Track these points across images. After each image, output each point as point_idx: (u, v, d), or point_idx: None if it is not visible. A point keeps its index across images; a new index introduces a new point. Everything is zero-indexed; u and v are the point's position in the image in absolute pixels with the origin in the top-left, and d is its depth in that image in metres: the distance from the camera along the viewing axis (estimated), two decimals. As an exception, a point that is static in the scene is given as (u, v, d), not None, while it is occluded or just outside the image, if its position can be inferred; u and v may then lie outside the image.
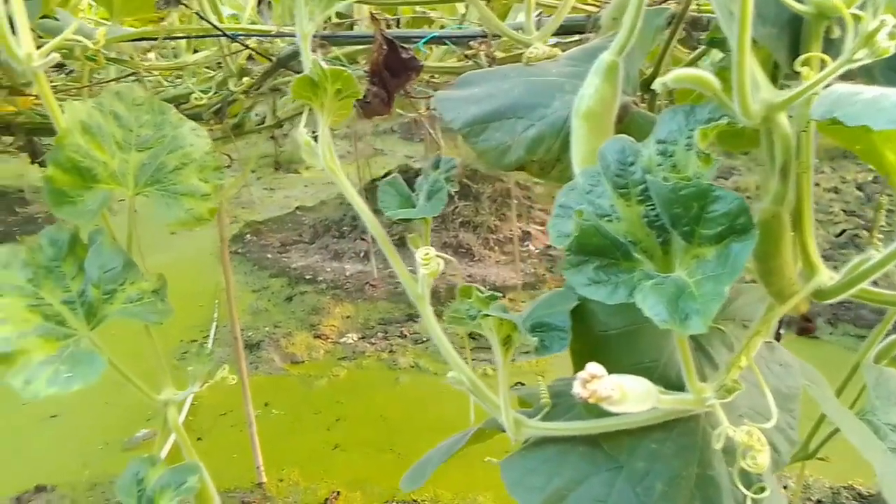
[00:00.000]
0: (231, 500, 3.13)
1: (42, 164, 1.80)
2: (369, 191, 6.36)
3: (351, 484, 3.26)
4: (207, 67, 1.50)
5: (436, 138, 7.90)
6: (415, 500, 3.09)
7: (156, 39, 1.23)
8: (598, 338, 0.53)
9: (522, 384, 4.10)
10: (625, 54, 0.52)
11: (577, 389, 0.41)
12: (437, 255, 0.61)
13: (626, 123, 0.56)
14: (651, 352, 0.52)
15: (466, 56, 1.08)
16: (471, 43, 1.05)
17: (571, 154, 0.53)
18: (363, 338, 4.97)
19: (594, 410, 0.54)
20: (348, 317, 5.31)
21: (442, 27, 1.43)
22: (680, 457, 0.50)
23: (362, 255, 6.44)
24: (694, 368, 0.48)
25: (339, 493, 3.19)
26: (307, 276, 6.09)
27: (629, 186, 0.45)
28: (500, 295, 0.63)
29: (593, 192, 0.46)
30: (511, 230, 6.54)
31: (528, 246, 6.37)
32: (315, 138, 0.57)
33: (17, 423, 4.11)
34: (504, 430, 0.63)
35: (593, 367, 0.41)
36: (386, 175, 7.92)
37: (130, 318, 0.68)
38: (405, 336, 4.89)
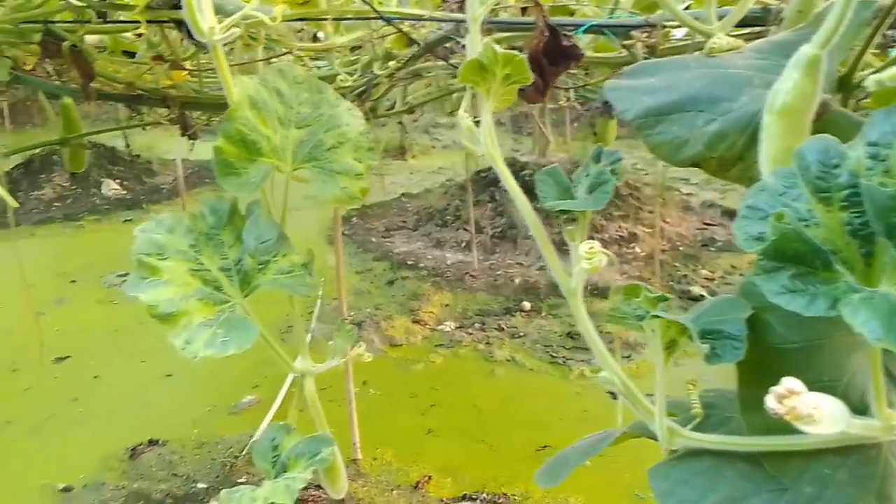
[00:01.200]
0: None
1: (192, 137, 1.91)
2: (475, 182, 6.37)
3: (442, 470, 3.28)
4: (353, 49, 1.54)
5: (545, 132, 7.82)
6: (505, 495, 3.08)
7: (324, 20, 1.27)
8: (773, 351, 0.49)
9: (620, 388, 4.00)
10: (828, 49, 0.48)
11: (772, 405, 0.38)
12: (602, 252, 0.58)
13: (824, 123, 0.52)
14: (832, 371, 0.48)
15: (625, 46, 1.04)
16: (632, 33, 1.01)
17: (760, 152, 0.50)
18: (460, 327, 4.99)
19: (759, 427, 0.51)
20: (447, 305, 5.35)
21: (584, 16, 1.39)
22: (857, 485, 0.46)
23: (464, 245, 6.46)
24: (884, 392, 0.44)
25: (430, 477, 3.22)
26: (409, 262, 6.19)
27: (832, 191, 0.41)
28: (667, 298, 0.60)
29: (787, 195, 0.42)
30: (617, 230, 6.38)
31: (633, 248, 6.19)
32: (476, 123, 0.57)
33: (136, 380, 4.41)
34: (654, 437, 0.61)
35: (791, 383, 0.37)
36: (491, 167, 7.91)
37: (281, 288, 0.70)
38: (502, 329, 4.88)
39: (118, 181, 9.08)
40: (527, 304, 5.21)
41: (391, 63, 1.44)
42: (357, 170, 0.68)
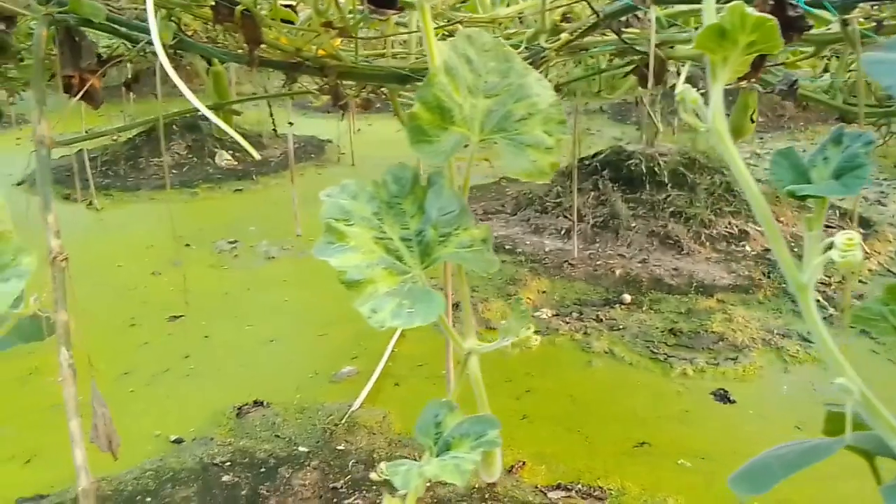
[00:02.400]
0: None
1: (343, 108, 1.95)
2: (578, 169, 6.24)
3: (536, 456, 3.26)
4: (519, 21, 1.51)
5: (654, 120, 7.56)
6: (601, 488, 3.02)
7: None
8: None
9: (724, 390, 3.85)
10: None
11: None
12: (860, 245, 0.53)
13: None
14: None
15: (844, 21, 0.97)
16: (861, 5, 0.94)
17: None
18: (557, 315, 4.93)
19: None
20: (544, 292, 5.29)
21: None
22: None
23: (563, 232, 6.36)
24: None
25: (524, 463, 3.21)
26: (506, 246, 6.15)
27: None
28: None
29: None
30: (727, 227, 6.11)
31: (743, 246, 5.91)
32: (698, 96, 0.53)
33: (243, 343, 4.61)
34: (892, 456, 0.55)
35: None
36: (595, 155, 7.74)
37: (461, 262, 0.68)
38: (601, 320, 4.78)
39: (231, 152, 9.47)
40: (627, 297, 5.08)
41: (562, 35, 1.40)
42: (547, 143, 0.66)
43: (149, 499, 2.81)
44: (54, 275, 1.05)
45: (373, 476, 0.75)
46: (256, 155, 0.83)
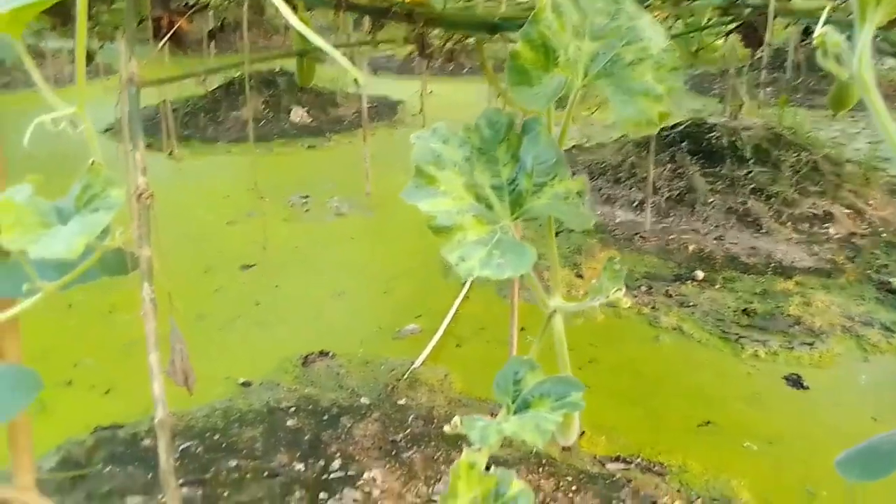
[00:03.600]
0: (482, 407, 3.27)
1: (428, 58, 1.92)
2: (655, 140, 6.03)
3: (596, 427, 3.22)
4: None
5: (740, 94, 7.22)
6: (661, 464, 2.97)
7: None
8: None
9: (798, 375, 3.70)
10: None
11: None
12: None
13: None
14: None
15: None
16: None
17: None
18: (626, 287, 4.82)
19: None
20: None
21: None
22: None
23: (636, 204, 6.20)
24: None
25: (583, 432, 3.18)
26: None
27: None
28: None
29: None
30: (811, 207, 5.83)
31: (827, 228, 5.62)
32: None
33: (311, 294, 4.70)
34: None
35: None
36: (674, 127, 7.46)
37: (554, 214, 0.65)
38: (671, 296, 4.65)
39: (305, 109, 9.57)
40: (700, 274, 4.92)
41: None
42: (657, 91, 0.61)
43: (217, 436, 2.92)
44: (139, 211, 1.07)
45: (446, 429, 0.73)
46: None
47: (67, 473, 2.63)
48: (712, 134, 6.64)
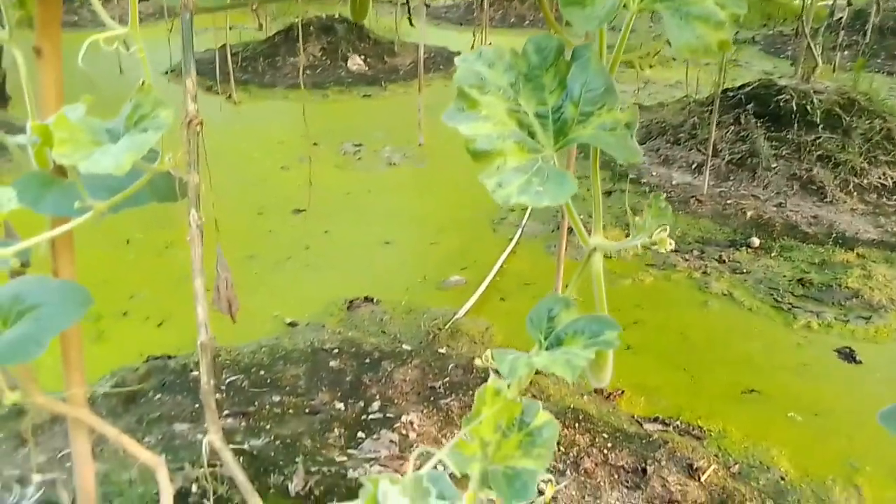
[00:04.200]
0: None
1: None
2: (720, 101, 5.80)
3: (636, 387, 3.20)
4: None
5: (815, 54, 6.87)
6: (701, 427, 2.94)
7: None
8: None
9: (850, 349, 3.58)
10: None
11: None
12: None
13: None
14: None
15: None
16: None
17: None
18: (677, 251, 4.72)
19: None
20: (666, 226, 5.06)
21: None
22: None
23: (694, 166, 6.02)
24: None
25: (623, 391, 3.16)
26: (631, 175, 5.91)
27: None
28: None
29: None
30: (880, 177, 5.56)
31: (896, 199, 5.37)
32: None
33: (360, 241, 4.75)
34: None
35: None
36: (741, 87, 7.16)
37: (600, 145, 0.63)
38: (723, 261, 4.54)
39: (362, 57, 9.53)
40: (756, 241, 4.78)
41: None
42: (718, 17, 0.58)
43: (262, 372, 3.01)
44: (188, 138, 1.08)
45: (477, 362, 0.73)
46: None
47: (122, 390, 2.75)
48: (781, 97, 6.36)
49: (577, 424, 2.77)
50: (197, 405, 2.79)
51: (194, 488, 1.91)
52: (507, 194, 0.56)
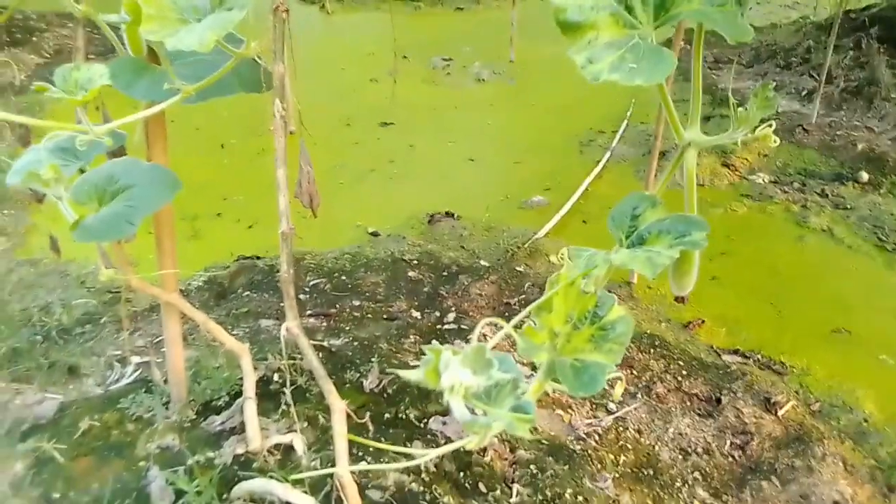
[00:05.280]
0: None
1: None
2: (840, 23, 5.31)
3: (718, 318, 3.11)
4: None
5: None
6: (782, 363, 2.84)
7: None
8: None
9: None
10: None
11: None
12: None
13: None
14: None
15: None
16: None
17: None
18: (776, 182, 4.47)
19: None
20: (765, 155, 4.79)
21: None
22: None
23: (804, 93, 5.61)
24: None
25: (703, 321, 3.08)
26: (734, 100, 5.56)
27: None
28: None
29: None
30: None
31: None
32: None
33: (444, 157, 4.73)
34: None
35: None
36: (866, 9, 6.52)
37: (706, 22, 0.57)
38: (826, 195, 4.27)
39: (456, -33, 9.21)
40: (864, 175, 4.45)
41: None
42: None
43: (344, 277, 3.10)
44: (275, 25, 1.07)
45: (553, 259, 0.71)
46: None
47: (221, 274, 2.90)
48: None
49: (652, 350, 2.73)
50: (282, 303, 2.91)
51: (276, 377, 2.01)
52: (597, 70, 0.52)
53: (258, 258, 3.29)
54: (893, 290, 3.41)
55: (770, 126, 0.62)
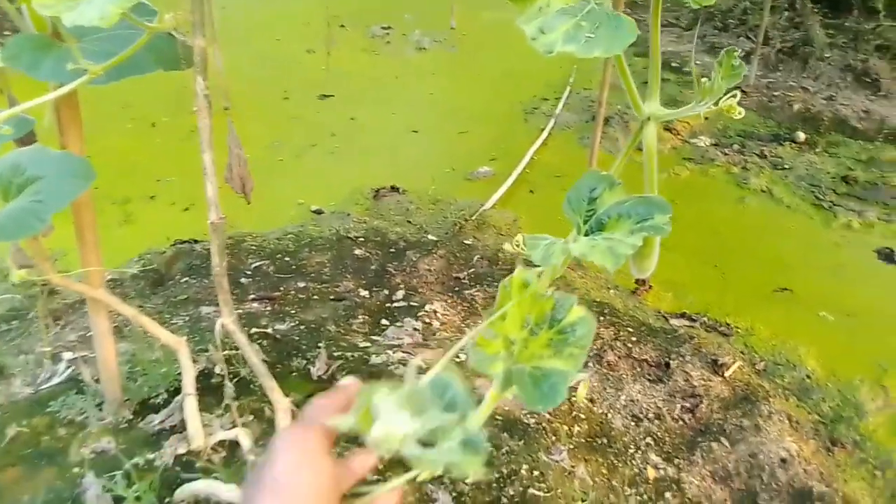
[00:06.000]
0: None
1: None
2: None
3: (664, 283, 3.15)
4: None
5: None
6: (728, 324, 2.89)
7: None
8: None
9: (891, 249, 3.46)
10: None
11: None
12: None
13: None
14: None
15: None
16: None
17: None
18: (716, 145, 4.53)
19: None
20: (706, 118, 4.82)
21: None
22: None
23: (742, 55, 5.67)
24: None
25: (650, 287, 3.11)
26: (673, 64, 5.60)
27: None
28: None
29: None
30: (943, 69, 5.20)
31: (958, 95, 5.03)
32: None
33: (386, 129, 4.62)
34: None
35: None
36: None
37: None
38: (764, 156, 4.35)
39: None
40: (801, 135, 4.56)
41: None
42: None
43: (287, 258, 3.00)
44: (193, -4, 0.97)
45: (506, 247, 0.65)
46: None
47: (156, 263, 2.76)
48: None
49: (601, 318, 2.74)
50: (223, 289, 2.80)
51: (217, 369, 1.92)
52: (550, 41, 0.47)
53: (196, 242, 3.16)
54: (831, 247, 3.51)
55: (734, 97, 0.58)
